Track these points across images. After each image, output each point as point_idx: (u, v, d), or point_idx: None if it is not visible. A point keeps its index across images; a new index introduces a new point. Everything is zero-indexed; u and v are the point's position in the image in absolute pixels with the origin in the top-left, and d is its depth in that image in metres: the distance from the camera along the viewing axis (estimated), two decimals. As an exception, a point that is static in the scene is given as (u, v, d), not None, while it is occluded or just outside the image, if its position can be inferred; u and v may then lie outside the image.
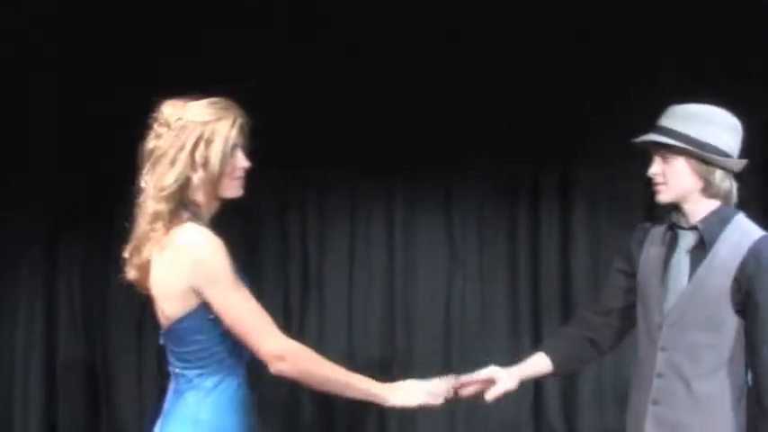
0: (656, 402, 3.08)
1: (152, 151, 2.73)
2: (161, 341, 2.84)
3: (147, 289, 2.80)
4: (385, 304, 6.28)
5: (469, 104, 6.11)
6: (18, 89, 6.00)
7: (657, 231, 3.21)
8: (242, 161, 2.82)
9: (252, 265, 6.33)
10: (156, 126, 2.75)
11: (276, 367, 2.71)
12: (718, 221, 3.06)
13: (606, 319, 3.35)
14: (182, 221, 2.68)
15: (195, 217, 2.72)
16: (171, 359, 2.80)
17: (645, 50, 5.93)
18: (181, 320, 2.72)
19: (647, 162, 3.19)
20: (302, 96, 6.05)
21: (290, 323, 6.28)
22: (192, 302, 2.70)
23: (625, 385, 6.06)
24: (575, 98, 6.03)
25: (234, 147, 2.78)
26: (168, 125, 2.72)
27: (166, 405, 2.81)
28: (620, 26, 5.88)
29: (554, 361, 3.36)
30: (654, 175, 3.12)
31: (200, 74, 5.75)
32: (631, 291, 3.28)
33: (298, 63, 6.07)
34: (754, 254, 2.97)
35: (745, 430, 3.01)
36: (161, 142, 2.72)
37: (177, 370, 2.78)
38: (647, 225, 3.30)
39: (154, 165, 2.72)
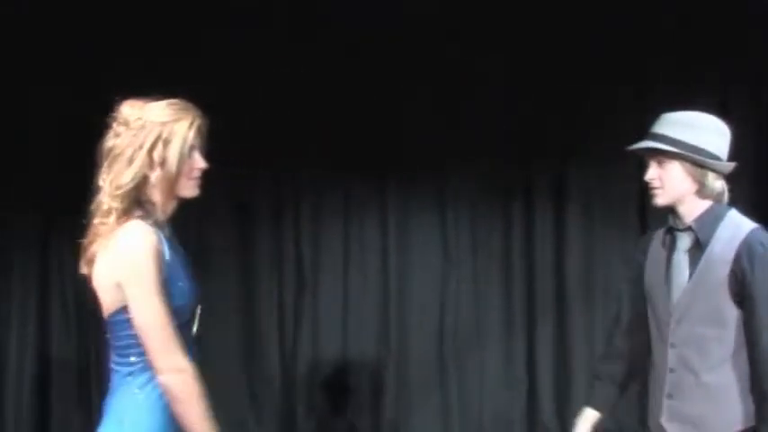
0: (669, 396, 3.19)
1: (110, 150, 2.75)
2: (107, 334, 2.84)
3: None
4: (379, 305, 6.31)
5: (463, 105, 6.10)
6: (18, 89, 5.99)
7: (658, 235, 3.35)
8: (199, 162, 2.82)
9: (247, 266, 6.34)
10: (114, 125, 2.76)
11: (169, 379, 2.65)
12: (711, 220, 3.17)
13: (630, 336, 3.48)
14: (131, 218, 2.71)
15: (146, 215, 2.74)
16: (111, 354, 2.81)
17: (642, 52, 5.95)
18: (114, 314, 2.73)
19: (643, 163, 3.31)
20: (298, 97, 6.05)
21: (285, 324, 6.31)
22: (123, 297, 2.71)
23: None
24: (569, 99, 6.06)
25: (191, 148, 2.78)
26: (127, 124, 2.73)
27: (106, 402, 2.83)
28: (618, 27, 5.91)
29: (599, 408, 3.49)
30: (650, 179, 3.23)
31: (200, 74, 5.79)
32: (644, 298, 3.43)
33: (295, 64, 6.05)
34: (746, 246, 3.06)
35: (753, 417, 3.09)
36: (119, 141, 2.74)
37: (114, 365, 2.79)
38: (651, 232, 3.45)
39: (111, 163, 2.74)
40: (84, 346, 6.19)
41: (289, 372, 6.31)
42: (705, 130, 3.19)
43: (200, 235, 6.28)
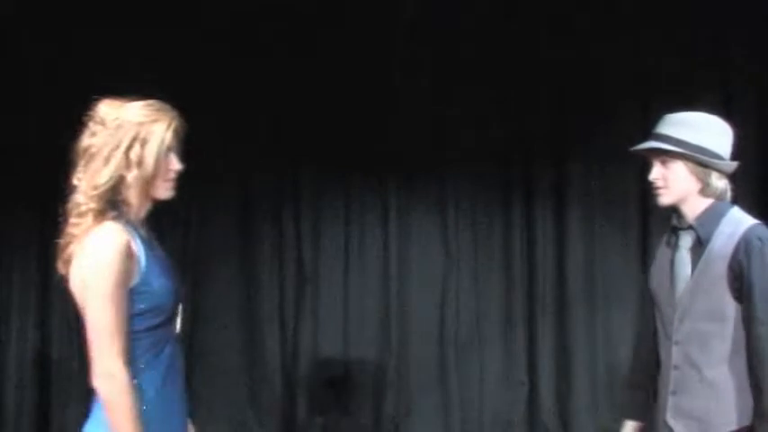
0: (674, 393, 3.20)
1: (86, 149, 2.71)
2: None
3: None
4: (380, 305, 6.27)
5: (463, 105, 6.05)
6: (17, 89, 5.98)
7: (665, 236, 3.39)
8: (175, 163, 2.79)
9: (247, 266, 6.31)
10: (91, 124, 2.72)
11: (100, 383, 2.62)
12: (713, 217, 3.19)
13: (650, 341, 3.50)
14: (105, 220, 2.68)
15: (120, 216, 2.71)
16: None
17: (642, 53, 5.96)
18: None
19: (645, 163, 3.33)
20: (298, 98, 6.03)
21: (286, 324, 6.28)
22: None
23: (618, 384, 6.21)
24: (570, 99, 6.05)
25: (168, 148, 2.79)
26: (104, 124, 2.69)
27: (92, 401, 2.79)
28: (617, 28, 5.93)
29: (638, 418, 3.50)
30: (655, 179, 3.27)
31: (201, 75, 5.83)
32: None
33: (295, 64, 6.03)
34: (744, 240, 3.08)
35: None
36: (96, 140, 2.70)
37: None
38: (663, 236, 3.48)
39: (88, 162, 2.71)
40: (85, 345, 6.14)
41: (289, 372, 6.30)
42: (708, 131, 3.22)
43: (200, 235, 6.28)
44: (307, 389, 6.28)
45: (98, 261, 2.63)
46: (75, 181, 2.73)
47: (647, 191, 3.32)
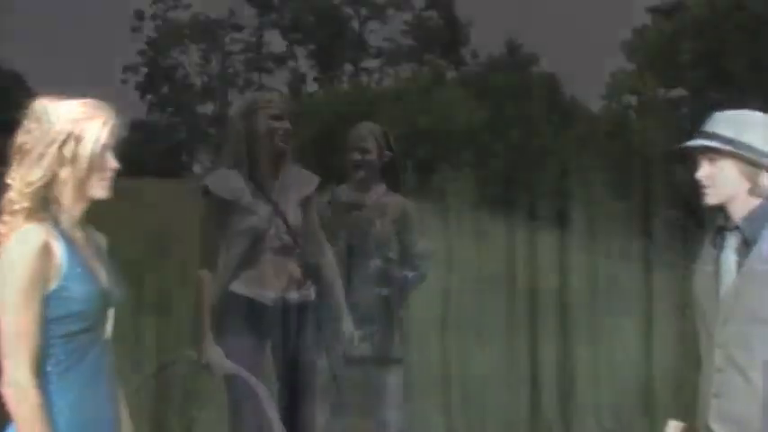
0: (717, 396, 3.12)
1: (20, 147, 2.63)
2: None
3: None
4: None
5: (464, 105, 6.17)
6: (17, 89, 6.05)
7: (709, 236, 3.31)
8: (111, 162, 2.76)
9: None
10: (25, 122, 2.65)
11: (7, 392, 2.56)
12: (760, 218, 3.10)
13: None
14: (35, 219, 2.62)
15: (50, 217, 2.65)
16: None
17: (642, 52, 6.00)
18: None
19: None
20: (298, 98, 6.12)
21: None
22: None
23: (620, 386, 6.19)
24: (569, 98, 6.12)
25: (104, 146, 2.74)
26: (39, 121, 2.63)
27: None
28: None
29: (681, 418, 3.45)
30: (702, 178, 3.18)
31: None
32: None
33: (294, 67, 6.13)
34: None
35: None
36: (30, 137, 2.63)
37: None
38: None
39: (21, 160, 2.64)
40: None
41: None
42: (758, 129, 3.13)
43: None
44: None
45: (10, 263, 2.57)
46: (8, 179, 2.66)
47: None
